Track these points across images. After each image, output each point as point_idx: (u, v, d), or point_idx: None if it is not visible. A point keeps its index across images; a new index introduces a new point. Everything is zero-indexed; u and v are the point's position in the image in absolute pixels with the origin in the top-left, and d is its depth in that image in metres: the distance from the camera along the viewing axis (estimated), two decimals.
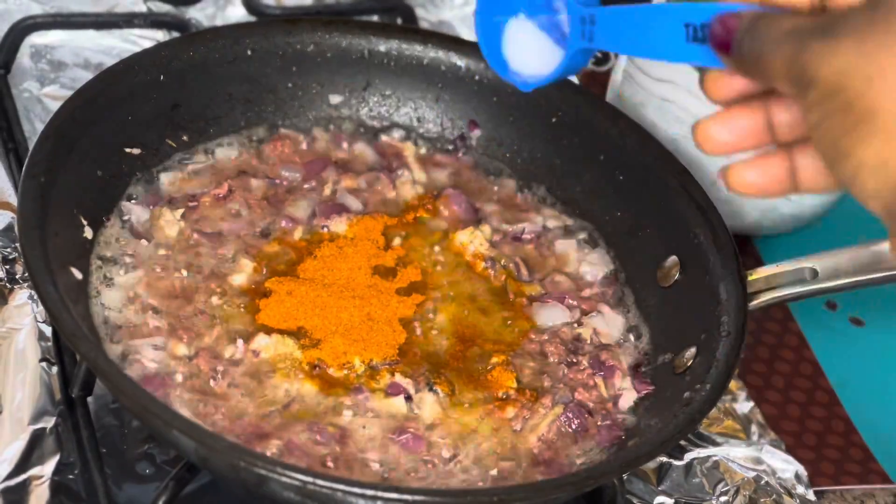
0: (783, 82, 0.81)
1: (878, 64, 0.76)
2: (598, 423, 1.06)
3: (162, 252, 1.11)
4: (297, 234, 1.15)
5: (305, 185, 1.20)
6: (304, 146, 1.23)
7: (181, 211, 1.13)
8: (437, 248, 1.17)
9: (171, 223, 1.12)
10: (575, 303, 1.15)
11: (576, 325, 1.13)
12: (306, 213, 1.17)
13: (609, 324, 1.14)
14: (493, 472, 1.02)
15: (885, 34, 0.77)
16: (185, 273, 1.10)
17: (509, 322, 1.13)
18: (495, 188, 1.24)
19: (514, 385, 1.07)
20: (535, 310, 1.14)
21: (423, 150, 1.25)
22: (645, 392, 1.08)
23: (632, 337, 1.13)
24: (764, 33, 0.82)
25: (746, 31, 0.83)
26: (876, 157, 0.76)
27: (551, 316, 1.13)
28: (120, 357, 1.03)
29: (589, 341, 1.12)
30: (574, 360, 1.10)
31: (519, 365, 1.09)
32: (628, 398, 1.08)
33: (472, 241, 1.17)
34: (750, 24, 0.83)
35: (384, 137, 1.24)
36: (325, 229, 1.16)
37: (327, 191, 1.19)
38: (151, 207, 1.13)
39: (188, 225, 1.13)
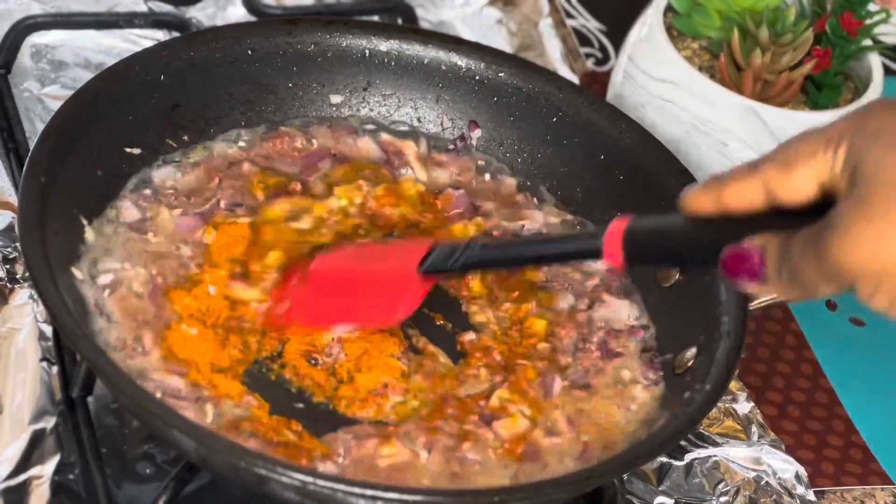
0: (827, 290, 0.83)
1: None
2: None
3: (161, 250, 1.11)
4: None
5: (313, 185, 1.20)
6: (303, 143, 1.22)
7: (179, 210, 1.13)
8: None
9: (168, 221, 1.12)
10: (580, 289, 1.15)
11: (583, 310, 1.14)
12: None
13: (616, 311, 1.14)
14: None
15: (887, 206, 0.79)
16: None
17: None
18: (495, 188, 1.24)
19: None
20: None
21: (423, 150, 1.25)
22: (654, 377, 1.09)
23: (638, 326, 1.14)
24: (789, 256, 0.84)
25: (773, 260, 0.85)
26: None
27: (560, 300, 1.14)
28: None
29: (598, 325, 1.12)
30: (582, 346, 1.11)
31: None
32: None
33: (466, 232, 1.17)
34: (775, 252, 0.85)
35: (385, 136, 1.24)
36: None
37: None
38: (150, 206, 1.13)
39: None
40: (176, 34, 1.33)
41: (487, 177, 1.24)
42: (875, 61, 1.30)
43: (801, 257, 0.83)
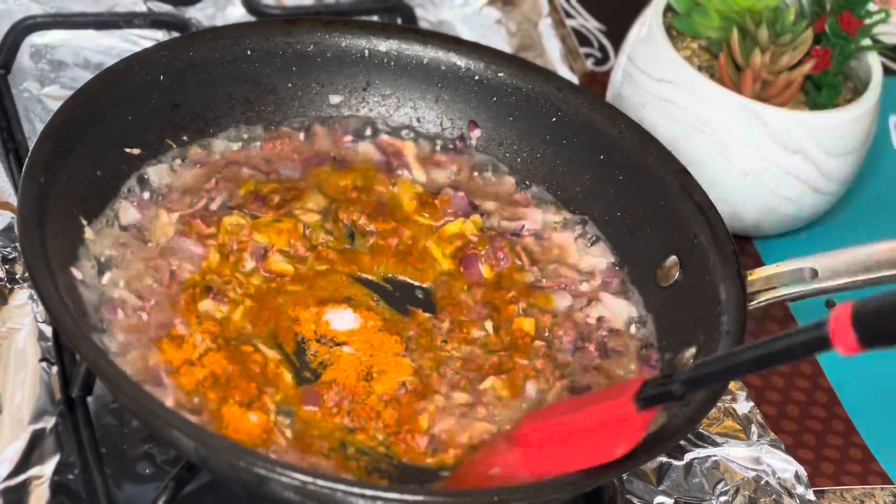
0: None
1: None
2: None
3: (159, 251, 1.11)
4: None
5: (302, 183, 1.20)
6: (303, 144, 1.22)
7: (177, 214, 1.13)
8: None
9: (166, 224, 1.12)
10: (577, 290, 1.15)
11: (581, 309, 1.14)
12: None
13: (614, 310, 1.14)
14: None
15: None
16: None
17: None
18: (495, 187, 1.24)
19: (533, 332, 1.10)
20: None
21: (423, 150, 1.25)
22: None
23: (637, 326, 1.14)
24: None
25: None
26: None
27: (557, 300, 1.15)
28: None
29: (596, 325, 1.12)
30: (581, 346, 1.11)
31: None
32: None
33: (463, 229, 1.17)
34: None
35: (384, 136, 1.24)
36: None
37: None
38: (148, 207, 1.13)
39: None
40: (175, 34, 1.33)
41: (487, 176, 1.24)
42: (874, 61, 1.30)
43: None
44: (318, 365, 1.06)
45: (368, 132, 1.24)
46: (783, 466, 1.14)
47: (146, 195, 1.14)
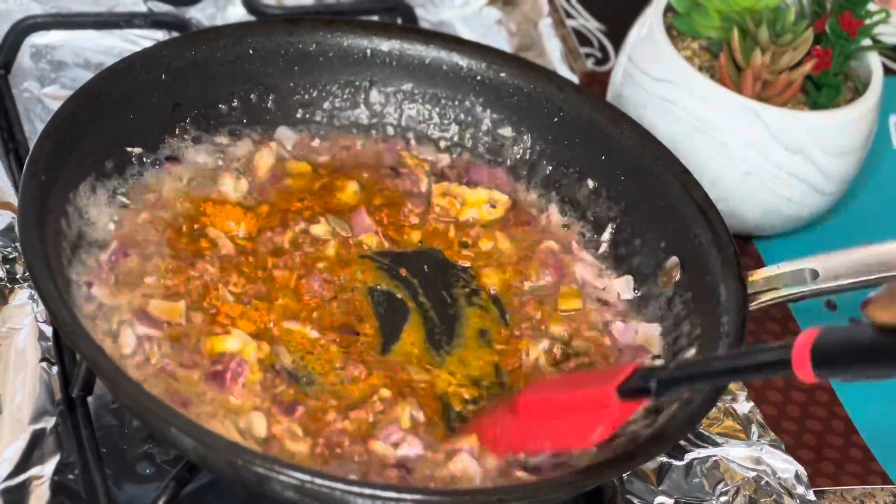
0: None
1: None
2: None
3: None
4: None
5: None
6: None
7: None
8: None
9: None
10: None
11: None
12: None
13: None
14: None
15: None
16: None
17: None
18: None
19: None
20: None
21: (423, 149, 1.25)
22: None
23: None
24: None
25: None
26: None
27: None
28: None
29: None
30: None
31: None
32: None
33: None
34: None
35: (386, 137, 1.24)
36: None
37: None
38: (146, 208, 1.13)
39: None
40: (175, 34, 1.33)
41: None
42: (875, 61, 1.30)
43: None
44: None
45: (369, 132, 1.24)
46: (783, 466, 1.14)
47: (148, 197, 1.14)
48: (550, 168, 1.23)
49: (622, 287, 1.16)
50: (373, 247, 1.15)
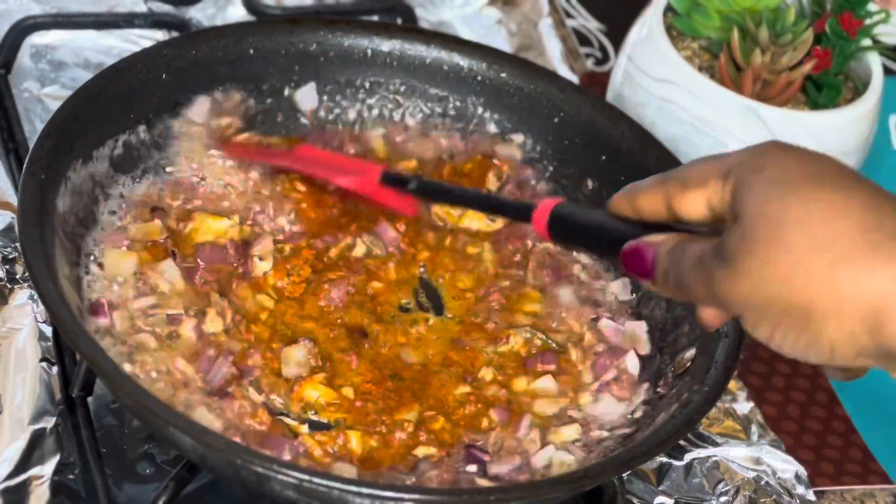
0: (715, 307, 0.87)
1: (778, 278, 0.81)
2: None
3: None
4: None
5: None
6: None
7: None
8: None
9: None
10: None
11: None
12: None
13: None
14: None
15: (766, 241, 0.82)
16: None
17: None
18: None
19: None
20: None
21: (426, 151, 1.25)
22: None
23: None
24: (678, 264, 0.87)
25: (662, 262, 0.88)
26: (840, 331, 0.80)
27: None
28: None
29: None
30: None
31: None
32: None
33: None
34: (665, 256, 0.88)
35: (386, 136, 1.25)
36: None
37: None
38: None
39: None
40: (176, 34, 1.33)
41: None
42: (875, 61, 1.30)
43: (690, 272, 0.86)
44: None
45: (368, 132, 1.24)
46: (783, 466, 1.14)
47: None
48: (551, 168, 1.23)
49: (619, 288, 1.16)
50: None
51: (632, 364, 1.10)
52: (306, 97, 1.22)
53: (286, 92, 1.22)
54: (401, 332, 1.10)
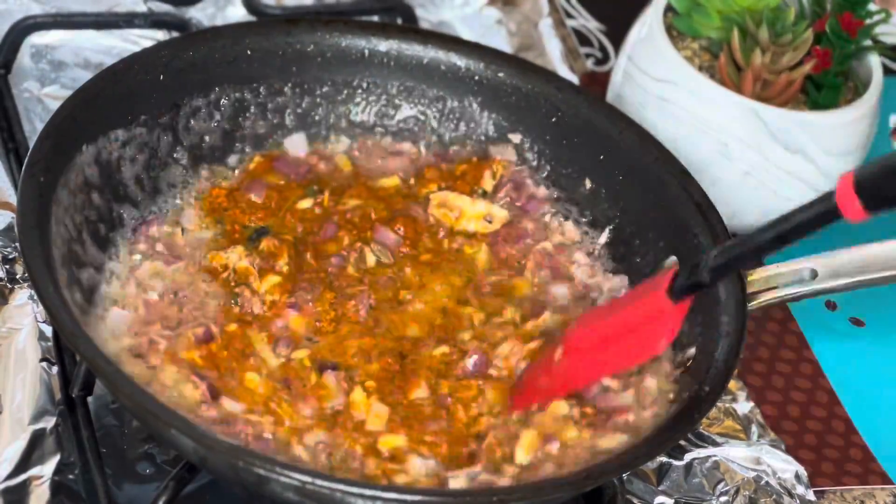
0: None
1: None
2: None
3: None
4: None
5: None
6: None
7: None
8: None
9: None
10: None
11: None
12: None
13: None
14: None
15: None
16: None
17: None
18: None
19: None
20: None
21: (422, 150, 1.25)
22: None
23: None
24: None
25: None
26: None
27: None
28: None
29: None
30: None
31: None
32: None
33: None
34: None
35: (385, 137, 1.25)
36: None
37: None
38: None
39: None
40: (175, 34, 1.33)
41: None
42: (875, 61, 1.30)
43: None
44: None
45: (368, 132, 1.24)
46: (783, 466, 1.14)
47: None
48: (549, 168, 1.23)
49: (617, 286, 1.16)
50: None
51: None
52: (296, 145, 1.22)
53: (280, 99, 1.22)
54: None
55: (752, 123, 1.24)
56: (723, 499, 1.11)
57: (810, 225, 0.95)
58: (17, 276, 1.13)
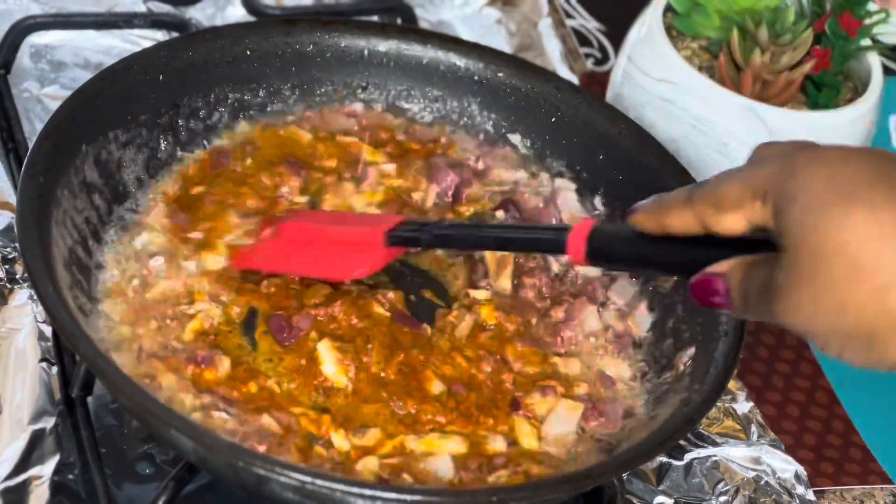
0: (789, 327, 0.85)
1: (832, 311, 0.81)
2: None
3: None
4: None
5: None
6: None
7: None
8: None
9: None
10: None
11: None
12: None
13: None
14: None
15: (812, 273, 0.81)
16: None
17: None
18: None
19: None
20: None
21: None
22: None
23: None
24: (750, 292, 0.86)
25: (737, 294, 0.88)
26: None
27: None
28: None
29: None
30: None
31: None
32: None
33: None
34: (738, 287, 0.87)
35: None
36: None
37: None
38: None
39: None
40: (175, 34, 1.34)
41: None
42: (874, 61, 1.30)
43: (757, 304, 0.86)
44: None
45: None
46: (783, 466, 1.14)
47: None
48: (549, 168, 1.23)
49: (616, 290, 1.16)
50: None
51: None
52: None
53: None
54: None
55: (751, 123, 1.24)
56: (722, 499, 1.11)
57: (535, 247, 1.03)
58: (17, 276, 1.13)
